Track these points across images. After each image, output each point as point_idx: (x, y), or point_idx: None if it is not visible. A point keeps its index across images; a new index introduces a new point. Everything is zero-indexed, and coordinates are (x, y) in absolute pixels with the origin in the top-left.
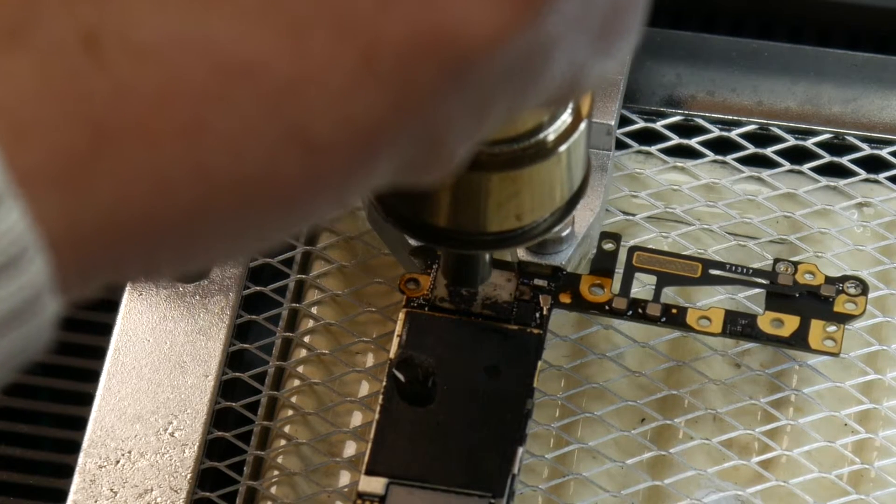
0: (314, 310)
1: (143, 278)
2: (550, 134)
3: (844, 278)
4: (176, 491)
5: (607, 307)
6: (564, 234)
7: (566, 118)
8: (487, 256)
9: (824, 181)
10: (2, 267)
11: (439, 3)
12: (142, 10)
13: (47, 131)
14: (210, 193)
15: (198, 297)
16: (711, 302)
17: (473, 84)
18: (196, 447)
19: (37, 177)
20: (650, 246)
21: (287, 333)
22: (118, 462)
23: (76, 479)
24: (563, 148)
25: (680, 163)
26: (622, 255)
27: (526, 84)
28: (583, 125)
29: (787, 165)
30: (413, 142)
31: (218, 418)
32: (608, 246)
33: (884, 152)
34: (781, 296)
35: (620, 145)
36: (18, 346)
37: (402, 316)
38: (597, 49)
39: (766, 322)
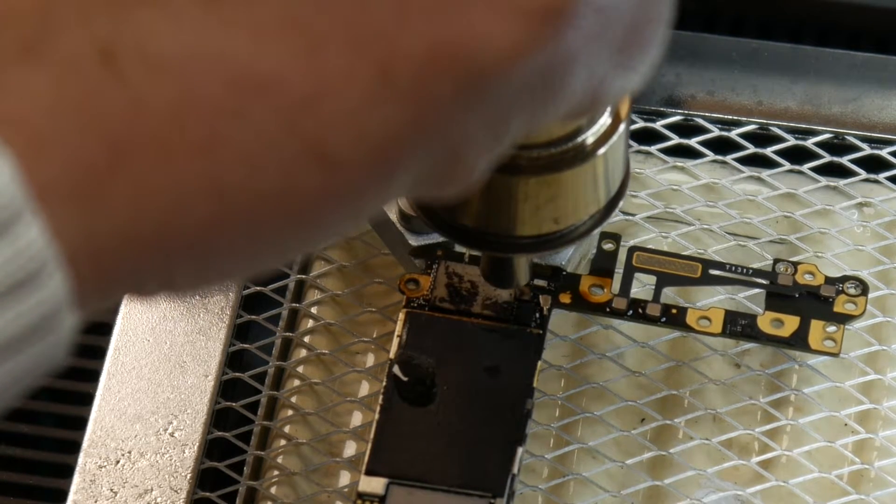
0: (314, 310)
1: (161, 293)
2: (589, 137)
3: (844, 278)
4: (176, 491)
5: (607, 307)
6: None
7: (605, 120)
8: (525, 259)
9: (824, 181)
10: (21, 283)
11: (457, 18)
12: (158, 24)
13: (64, 145)
14: (226, 208)
15: (198, 297)
16: (711, 302)
17: (491, 99)
18: (196, 447)
19: (55, 191)
20: (650, 246)
21: (287, 333)
22: (118, 462)
23: (76, 479)
24: (601, 151)
25: (680, 163)
26: (622, 255)
27: (545, 98)
28: (622, 127)
29: (787, 165)
30: (431, 156)
31: (218, 418)
32: (608, 246)
33: (884, 152)
34: (781, 296)
35: None
36: (36, 361)
37: (402, 316)
38: (617, 63)
39: (766, 322)
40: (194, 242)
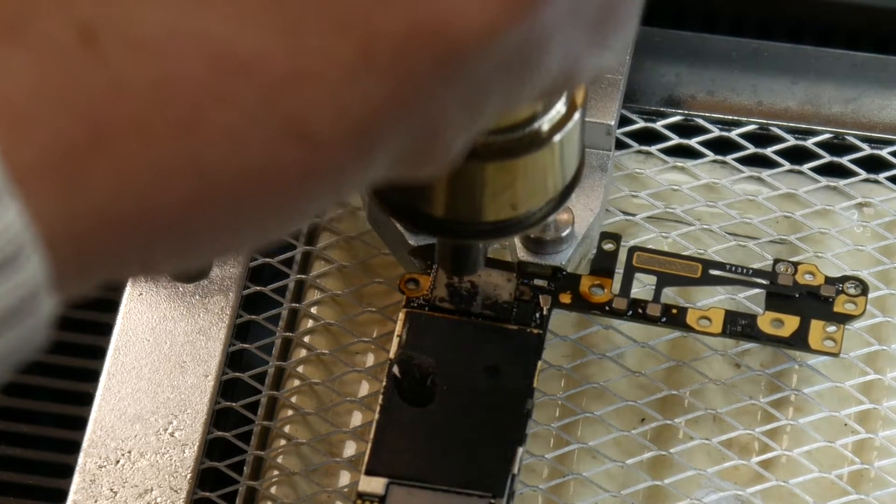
0: (314, 310)
1: (141, 275)
2: (545, 123)
3: (844, 278)
4: (176, 491)
5: (607, 307)
6: (564, 234)
7: (560, 108)
8: (483, 246)
9: (824, 181)
10: None
11: None
12: (139, 4)
13: (44, 127)
14: (207, 187)
15: (198, 297)
16: (711, 302)
17: (469, 76)
18: (196, 447)
19: (33, 173)
20: (650, 246)
21: (287, 333)
22: (118, 462)
23: (76, 479)
24: (557, 138)
25: (680, 163)
26: (622, 255)
27: (522, 76)
28: (577, 115)
29: (787, 165)
30: (410, 134)
31: (218, 418)
32: (608, 246)
33: (884, 152)
34: (781, 296)
35: (620, 145)
36: (15, 345)
37: (402, 316)
38: (592, 41)
39: (766, 322)
40: (175, 221)
